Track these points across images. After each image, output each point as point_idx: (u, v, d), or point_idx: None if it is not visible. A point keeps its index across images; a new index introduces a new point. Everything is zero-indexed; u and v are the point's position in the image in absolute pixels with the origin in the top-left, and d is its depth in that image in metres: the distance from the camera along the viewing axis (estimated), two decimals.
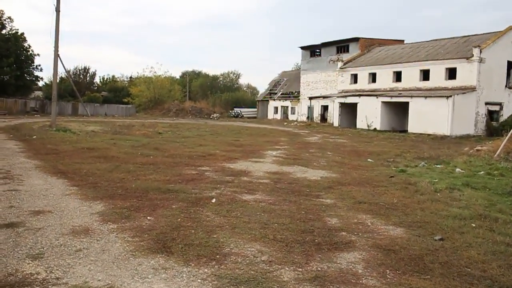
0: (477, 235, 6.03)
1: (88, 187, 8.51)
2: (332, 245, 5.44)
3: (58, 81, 31.98)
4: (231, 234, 5.70)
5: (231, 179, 10.09)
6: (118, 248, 5.03)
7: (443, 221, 6.78)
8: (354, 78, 42.77)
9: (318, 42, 52.35)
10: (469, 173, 12.48)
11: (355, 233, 6.04)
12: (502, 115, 32.92)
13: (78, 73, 71.88)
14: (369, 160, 15.63)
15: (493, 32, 34.32)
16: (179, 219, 6.34)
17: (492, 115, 32.86)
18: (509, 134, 16.47)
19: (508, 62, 33.74)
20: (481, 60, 31.02)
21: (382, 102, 35.21)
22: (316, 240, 5.61)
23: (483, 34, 35.27)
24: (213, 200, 7.68)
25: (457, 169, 13.03)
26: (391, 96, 34.96)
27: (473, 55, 31.27)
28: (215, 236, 5.61)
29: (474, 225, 6.60)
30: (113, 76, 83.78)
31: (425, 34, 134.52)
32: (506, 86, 33.75)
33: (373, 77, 40.47)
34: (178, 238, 5.42)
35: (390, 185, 10.01)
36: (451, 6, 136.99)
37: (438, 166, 14.07)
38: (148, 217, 6.41)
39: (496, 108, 33.05)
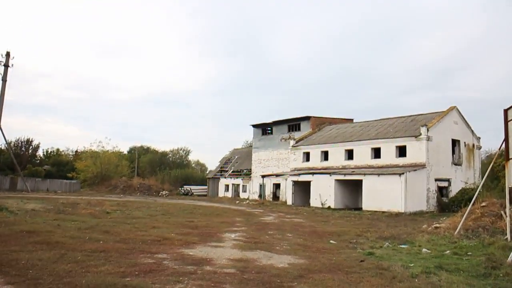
0: None
1: (27, 285, 7.17)
2: None
3: None
4: None
5: (194, 269, 9.07)
6: None
7: None
8: (307, 156, 43.27)
9: (268, 119, 53.61)
10: (436, 253, 12.26)
11: None
12: (451, 190, 33.93)
13: (20, 145, 68.72)
14: (331, 241, 15.09)
15: (436, 112, 36.33)
16: None
17: (441, 191, 33.82)
18: (466, 212, 16.57)
19: (452, 140, 35.53)
20: (428, 138, 32.43)
21: (336, 180, 35.46)
22: None
23: (427, 114, 37.27)
24: None
25: (424, 249, 12.80)
26: (345, 174, 35.35)
27: (421, 134, 32.72)
28: None
29: None
30: (58, 150, 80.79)
31: (370, 111, 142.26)
32: (452, 163, 35.18)
33: (325, 155, 41.10)
34: None
35: (363, 271, 9.40)
36: (393, 87, 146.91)
37: (403, 246, 13.77)
38: None
39: (445, 184, 34.13)
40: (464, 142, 36.97)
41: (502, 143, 15.38)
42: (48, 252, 10.23)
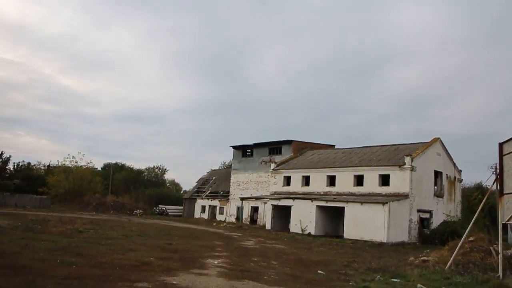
0: None
1: None
2: None
3: None
4: None
5: None
6: None
7: None
8: (287, 180, 42.50)
9: (247, 142, 52.65)
10: None
11: None
12: (432, 222, 33.54)
13: None
14: (319, 272, 14.31)
15: (420, 143, 36.23)
16: None
17: (423, 223, 33.40)
18: (458, 246, 16.14)
19: (435, 171, 35.36)
20: (412, 169, 32.01)
21: (317, 206, 34.66)
22: None
23: (410, 144, 37.11)
24: None
25: (418, 285, 12.25)
26: (327, 200, 34.63)
27: (405, 163, 32.25)
28: None
29: None
30: (29, 163, 77.78)
31: (347, 138, 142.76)
32: (434, 194, 34.94)
33: (306, 180, 40.38)
34: None
35: None
36: (367, 114, 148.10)
37: (395, 280, 13.15)
38: None
39: (427, 215, 33.75)
40: (446, 174, 36.86)
41: (497, 178, 15.07)
42: (14, 278, 9.07)
